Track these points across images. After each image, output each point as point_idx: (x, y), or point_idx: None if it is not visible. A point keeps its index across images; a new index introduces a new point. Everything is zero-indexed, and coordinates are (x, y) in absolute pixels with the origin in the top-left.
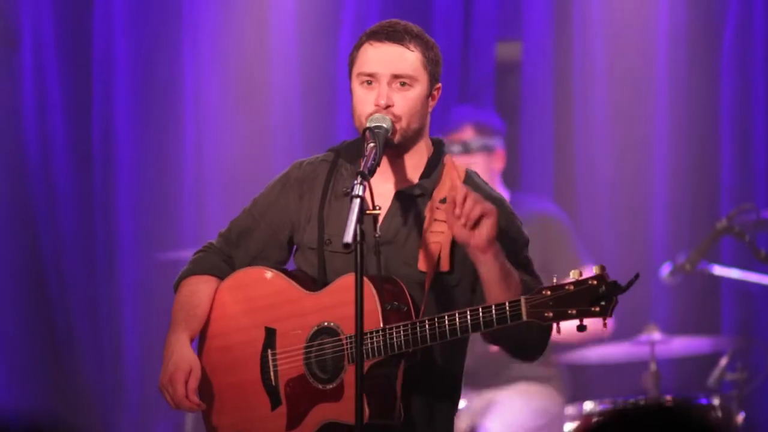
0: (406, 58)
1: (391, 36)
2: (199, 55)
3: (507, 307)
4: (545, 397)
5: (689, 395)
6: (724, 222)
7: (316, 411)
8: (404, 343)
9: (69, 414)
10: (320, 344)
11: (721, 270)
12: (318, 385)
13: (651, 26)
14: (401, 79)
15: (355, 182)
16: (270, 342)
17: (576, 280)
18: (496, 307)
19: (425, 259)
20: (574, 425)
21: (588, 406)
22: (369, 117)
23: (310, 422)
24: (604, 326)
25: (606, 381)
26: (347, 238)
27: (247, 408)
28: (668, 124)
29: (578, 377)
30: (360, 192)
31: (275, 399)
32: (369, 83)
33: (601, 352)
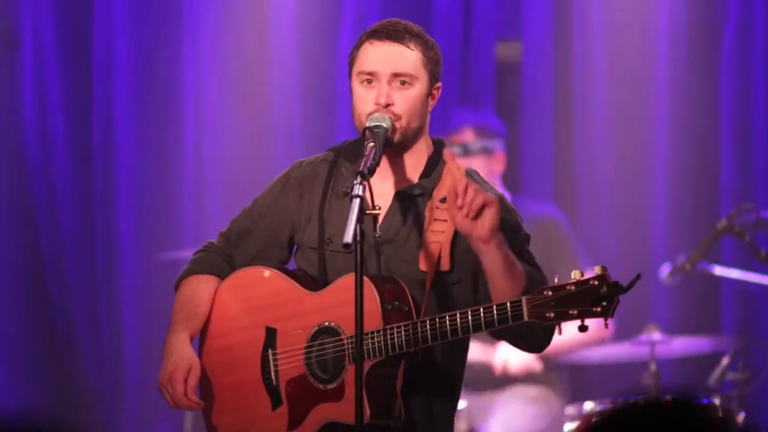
0: (407, 57)
1: (392, 35)
2: (199, 55)
3: (508, 308)
4: (545, 400)
5: (689, 395)
6: (724, 222)
7: (317, 411)
8: (405, 343)
9: (69, 414)
10: (321, 344)
11: (722, 270)
12: (319, 385)
13: (651, 26)
14: (401, 78)
15: (355, 182)
16: (270, 342)
17: (577, 281)
18: (498, 307)
19: (425, 259)
20: (574, 425)
21: (588, 406)
22: (369, 116)
23: (311, 422)
24: (606, 327)
25: (606, 381)
26: (347, 238)
27: (248, 408)
28: (668, 125)
29: (578, 377)
30: (360, 192)
31: (276, 399)
32: (369, 82)
33: (602, 353)
